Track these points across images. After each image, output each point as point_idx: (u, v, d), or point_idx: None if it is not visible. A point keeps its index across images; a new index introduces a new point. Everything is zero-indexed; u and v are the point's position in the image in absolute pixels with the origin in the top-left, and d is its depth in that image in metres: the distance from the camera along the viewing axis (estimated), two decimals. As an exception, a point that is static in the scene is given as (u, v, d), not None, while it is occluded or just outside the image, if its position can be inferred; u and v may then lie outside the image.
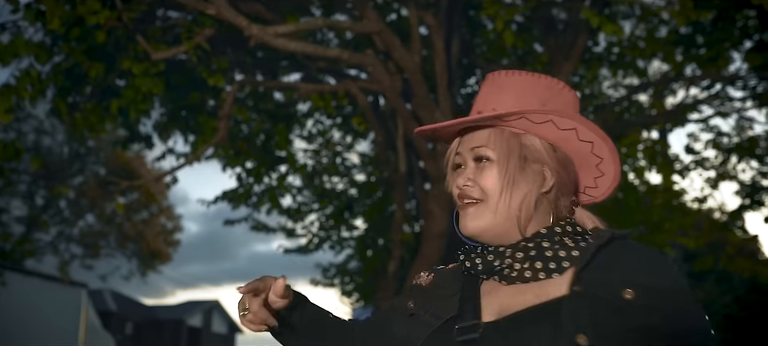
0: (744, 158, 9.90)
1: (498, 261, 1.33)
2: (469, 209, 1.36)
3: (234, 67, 7.90)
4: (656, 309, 1.20)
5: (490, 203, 1.34)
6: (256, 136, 8.66)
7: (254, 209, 9.60)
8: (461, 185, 1.38)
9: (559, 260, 1.30)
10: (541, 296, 1.27)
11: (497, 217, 1.33)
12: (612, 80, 10.51)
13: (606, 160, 1.44)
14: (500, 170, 1.34)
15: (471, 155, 1.39)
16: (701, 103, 9.92)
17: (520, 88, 1.40)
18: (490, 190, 1.34)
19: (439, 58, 6.21)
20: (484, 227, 1.34)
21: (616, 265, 1.28)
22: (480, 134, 1.38)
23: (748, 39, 9.03)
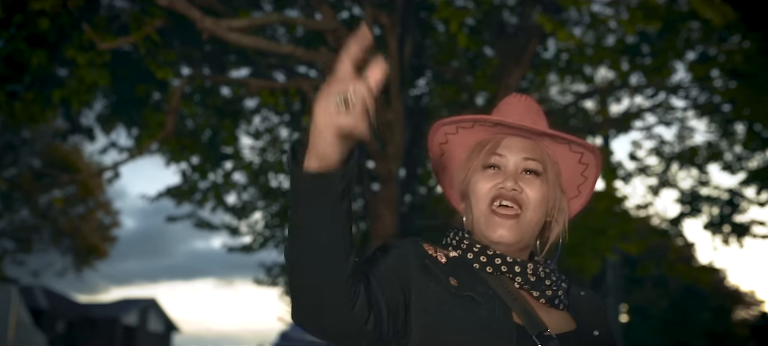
0: (684, 167, 10.15)
1: (548, 281, 1.41)
2: (509, 219, 1.39)
3: (181, 61, 7.70)
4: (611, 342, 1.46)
5: (526, 216, 1.39)
6: (201, 131, 8.47)
7: (198, 206, 9.37)
8: (510, 187, 1.38)
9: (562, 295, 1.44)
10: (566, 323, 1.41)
11: (528, 233, 1.41)
12: (559, 86, 10.65)
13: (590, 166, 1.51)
14: (550, 192, 1.42)
15: (521, 164, 1.41)
16: (645, 112, 10.13)
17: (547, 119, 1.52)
18: (533, 204, 1.39)
19: (392, 59, 6.16)
20: (516, 240, 1.39)
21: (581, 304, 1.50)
22: (530, 146, 1.43)
23: (692, 50, 9.26)
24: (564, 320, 1.41)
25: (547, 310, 1.39)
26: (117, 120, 7.51)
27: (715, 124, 9.94)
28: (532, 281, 1.38)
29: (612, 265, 14.41)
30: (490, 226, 1.39)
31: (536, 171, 1.41)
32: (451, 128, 1.48)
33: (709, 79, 9.25)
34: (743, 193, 9.71)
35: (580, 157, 1.48)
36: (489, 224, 1.39)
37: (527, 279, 1.38)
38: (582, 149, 1.46)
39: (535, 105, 1.52)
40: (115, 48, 4.94)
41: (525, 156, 1.42)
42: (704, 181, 10.08)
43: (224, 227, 10.51)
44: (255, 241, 10.84)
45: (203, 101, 8.47)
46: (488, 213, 1.39)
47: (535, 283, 1.39)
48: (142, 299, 38.86)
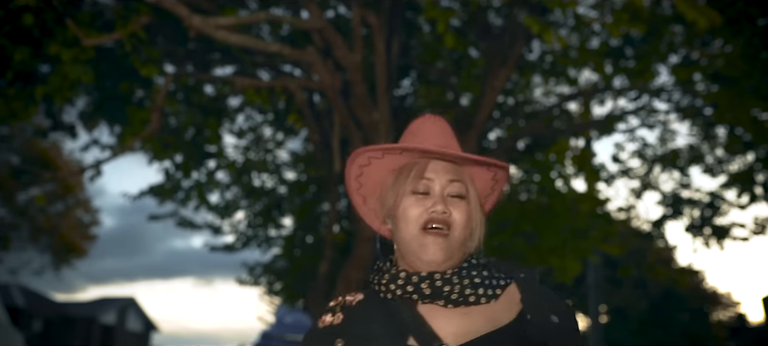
0: (666, 169, 10.22)
1: (447, 287, 1.44)
2: (439, 238, 1.45)
3: (165, 58, 7.63)
4: (569, 328, 1.47)
5: (454, 236, 1.46)
6: (185, 129, 8.40)
7: (181, 204, 9.29)
8: (441, 210, 1.45)
9: (494, 287, 1.47)
10: (492, 321, 1.43)
11: (455, 250, 1.47)
12: (544, 88, 10.68)
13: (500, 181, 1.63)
14: (473, 212, 1.50)
15: (447, 187, 1.49)
16: (628, 114, 10.19)
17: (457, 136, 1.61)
18: (459, 225, 1.47)
19: (380, 59, 6.14)
20: (446, 258, 1.46)
21: (538, 295, 1.50)
22: (453, 169, 1.51)
23: (675, 54, 9.33)
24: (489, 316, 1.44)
25: (460, 312, 1.44)
26: (100, 117, 7.42)
27: (696, 128, 10.02)
28: (429, 293, 1.44)
29: (593, 266, 14.48)
30: (422, 247, 1.45)
31: (461, 194, 1.49)
32: (376, 154, 1.54)
33: (691, 83, 9.33)
34: (724, 196, 9.80)
35: (494, 173, 1.58)
36: (422, 246, 1.45)
37: (423, 293, 1.44)
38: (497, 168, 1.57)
39: (447, 124, 1.59)
40: (99, 44, 4.87)
41: (450, 179, 1.50)
42: (686, 183, 10.16)
43: (207, 226, 10.43)
44: (238, 240, 10.78)
45: (187, 99, 8.41)
46: (420, 235, 1.45)
47: (433, 293, 1.44)
48: (121, 298, 38.53)
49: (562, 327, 1.46)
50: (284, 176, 10.72)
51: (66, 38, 5.13)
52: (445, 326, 1.42)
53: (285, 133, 10.20)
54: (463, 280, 1.45)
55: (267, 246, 11.11)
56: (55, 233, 17.60)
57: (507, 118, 10.44)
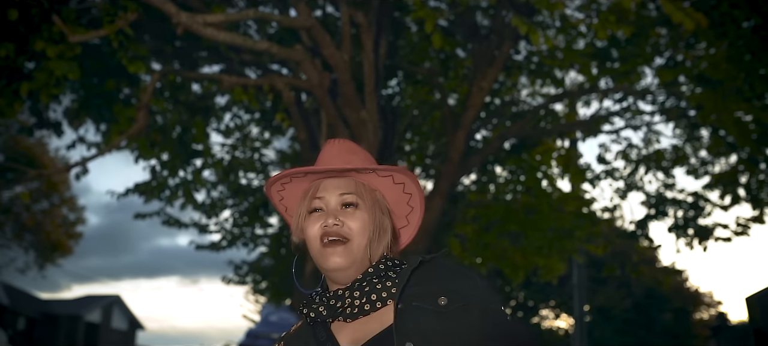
0: (651, 170, 10.29)
1: (339, 303, 1.49)
2: (337, 247, 1.51)
3: (152, 56, 7.60)
4: (466, 309, 1.42)
5: (354, 243, 1.52)
6: (172, 128, 8.36)
7: (167, 203, 9.26)
8: (332, 223, 1.52)
9: (388, 289, 1.49)
10: (384, 323, 1.45)
11: (358, 257, 1.52)
12: (530, 89, 10.73)
13: (414, 195, 1.68)
14: (369, 218, 1.55)
15: (339, 200, 1.56)
16: (613, 116, 10.25)
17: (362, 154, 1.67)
18: (356, 232, 1.53)
19: (367, 58, 6.15)
20: (348, 264, 1.51)
21: (429, 281, 1.49)
22: (344, 183, 1.59)
23: (659, 56, 9.40)
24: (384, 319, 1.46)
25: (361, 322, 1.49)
26: (86, 115, 7.38)
27: (681, 129, 10.10)
28: (326, 313, 1.50)
29: (577, 266, 14.56)
30: (324, 258, 1.52)
31: (353, 203, 1.56)
32: (285, 180, 1.63)
33: (676, 85, 9.40)
34: (707, 196, 9.88)
35: (403, 187, 1.64)
36: (323, 257, 1.52)
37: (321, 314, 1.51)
38: (390, 172, 1.61)
39: (350, 145, 1.67)
40: (85, 41, 4.85)
41: (340, 192, 1.57)
42: (670, 184, 10.23)
43: (193, 224, 10.40)
44: (224, 239, 10.75)
45: (173, 97, 8.37)
46: (321, 249, 1.52)
47: (330, 312, 1.50)
48: (106, 296, 38.30)
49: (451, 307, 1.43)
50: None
51: (52, 34, 5.11)
52: (346, 338, 1.48)
53: (272, 132, 10.19)
54: (353, 293, 1.49)
55: (253, 245, 11.10)
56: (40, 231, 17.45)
57: (493, 118, 10.48)
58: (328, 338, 1.49)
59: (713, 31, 7.96)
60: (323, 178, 1.60)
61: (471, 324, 1.41)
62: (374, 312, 1.48)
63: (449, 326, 1.40)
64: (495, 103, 10.28)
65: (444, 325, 1.40)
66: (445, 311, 1.41)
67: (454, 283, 1.49)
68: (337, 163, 1.59)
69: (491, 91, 10.06)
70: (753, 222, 9.47)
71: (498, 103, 10.34)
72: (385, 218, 1.61)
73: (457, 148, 7.98)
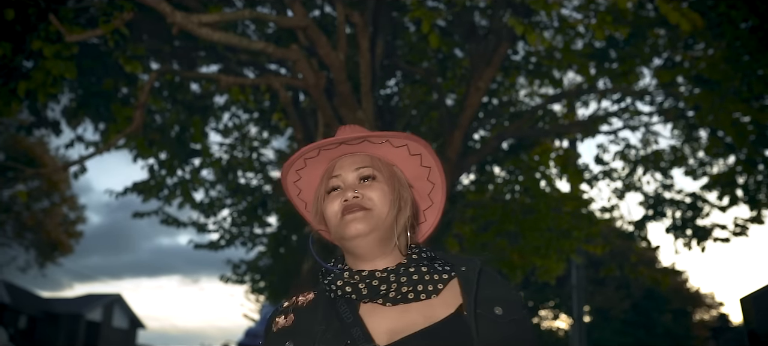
0: (649, 171, 10.30)
1: (384, 285, 1.45)
2: (357, 213, 1.48)
3: (150, 55, 7.63)
4: (516, 320, 1.43)
5: (376, 211, 1.49)
6: (170, 127, 8.39)
7: (166, 202, 9.28)
8: (351, 196, 1.50)
9: (435, 282, 1.46)
10: (429, 318, 1.41)
11: (380, 225, 1.48)
12: (529, 89, 10.75)
13: (437, 187, 1.66)
14: (388, 188, 1.52)
15: (356, 175, 1.54)
16: (611, 116, 10.27)
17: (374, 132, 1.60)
18: (378, 201, 1.50)
19: (364, 58, 6.17)
20: (369, 230, 1.47)
21: (483, 287, 1.48)
22: (360, 158, 1.57)
23: (658, 56, 9.41)
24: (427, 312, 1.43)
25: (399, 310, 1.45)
26: (84, 114, 7.40)
27: (679, 130, 10.11)
28: (366, 293, 1.46)
29: (576, 266, 14.57)
30: (345, 228, 1.48)
31: (370, 176, 1.54)
32: (300, 164, 1.61)
33: (674, 86, 9.41)
34: (705, 197, 9.89)
35: (420, 159, 1.62)
36: (343, 227, 1.48)
37: (360, 293, 1.46)
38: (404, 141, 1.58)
39: (360, 126, 1.63)
40: (82, 40, 4.87)
41: (356, 167, 1.55)
42: (668, 185, 10.24)
43: (191, 223, 10.43)
44: (222, 238, 10.78)
45: (172, 97, 8.40)
46: (341, 222, 1.49)
47: (370, 293, 1.46)
48: (107, 295, 38.38)
49: (506, 319, 1.43)
50: (269, 174, 10.73)
51: (49, 34, 5.13)
52: (381, 324, 1.42)
53: (270, 131, 10.21)
54: (400, 278, 1.45)
55: (251, 244, 11.12)
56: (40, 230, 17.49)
57: (492, 118, 10.49)
58: (355, 322, 1.43)
59: (711, 32, 7.98)
60: (337, 156, 1.58)
61: (519, 338, 1.41)
62: (415, 302, 1.45)
63: (503, 336, 1.39)
64: (492, 103, 10.29)
65: (498, 335, 1.39)
66: (500, 320, 1.41)
67: (503, 292, 1.49)
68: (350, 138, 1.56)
69: (489, 92, 10.09)
70: (751, 223, 9.47)
71: (496, 104, 10.35)
72: (405, 190, 1.58)
73: (454, 148, 8.00)
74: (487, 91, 10.12)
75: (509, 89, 10.00)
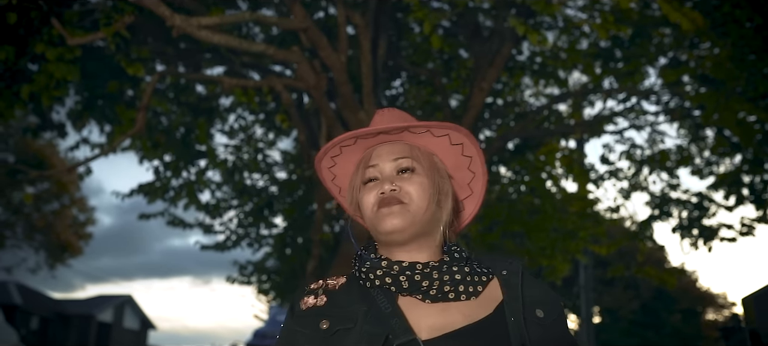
0: (655, 171, 10.27)
1: (426, 282, 1.41)
2: (393, 206, 1.43)
3: (155, 57, 7.67)
4: (557, 321, 1.44)
5: (412, 206, 1.43)
6: (175, 129, 8.44)
7: (171, 203, 9.33)
8: (388, 189, 1.44)
9: (475, 283, 1.44)
10: (469, 316, 1.39)
11: (418, 219, 1.43)
12: (534, 89, 10.74)
13: (477, 176, 1.60)
14: (428, 181, 1.47)
15: (394, 166, 1.49)
16: (617, 116, 10.25)
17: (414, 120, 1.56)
18: (415, 196, 1.44)
19: (365, 59, 6.18)
20: (406, 225, 1.42)
21: (520, 288, 1.45)
22: (399, 148, 1.51)
23: (663, 56, 9.39)
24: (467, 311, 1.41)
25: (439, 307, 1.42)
26: (89, 116, 7.46)
27: (685, 129, 10.08)
28: (407, 287, 1.42)
29: (584, 266, 14.54)
30: (380, 222, 1.44)
31: (409, 167, 1.48)
32: (335, 151, 1.56)
33: (680, 85, 9.39)
34: (711, 197, 9.85)
35: (461, 149, 1.55)
36: (379, 221, 1.44)
37: (401, 286, 1.42)
38: (446, 131, 1.52)
39: (401, 113, 1.58)
40: (85, 43, 4.91)
41: (395, 157, 1.50)
42: (674, 184, 10.21)
43: (198, 224, 10.47)
44: (228, 239, 10.82)
45: (177, 98, 8.45)
46: (376, 215, 1.45)
47: (411, 287, 1.42)
48: (118, 296, 38.58)
49: (548, 321, 1.42)
50: (275, 175, 10.77)
51: (52, 37, 5.18)
52: (422, 319, 1.39)
53: (276, 132, 10.24)
54: (442, 276, 1.43)
55: (258, 245, 11.16)
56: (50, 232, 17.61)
57: (497, 119, 10.49)
58: (394, 312, 1.39)
59: (715, 32, 7.95)
60: (375, 144, 1.54)
61: (560, 336, 1.42)
62: (455, 302, 1.42)
63: (545, 338, 1.38)
64: (497, 103, 10.29)
65: (541, 337, 1.38)
66: (541, 323, 1.40)
67: (542, 293, 1.48)
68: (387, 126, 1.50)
69: (494, 92, 10.09)
70: (758, 222, 9.43)
71: (501, 104, 10.35)
72: (445, 182, 1.53)
73: (458, 148, 7.99)
74: (492, 92, 10.13)
75: (514, 90, 10.00)
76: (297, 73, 5.72)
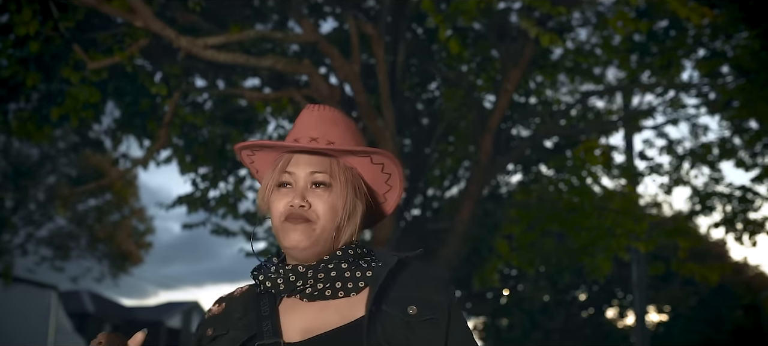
0: (697, 165, 10.05)
1: (300, 281, 1.43)
2: (299, 224, 1.43)
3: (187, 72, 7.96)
4: (433, 322, 1.39)
5: (319, 224, 1.43)
6: (213, 141, 8.70)
7: (211, 213, 9.62)
8: (297, 205, 1.43)
9: (356, 280, 1.44)
10: (345, 316, 1.40)
11: (321, 239, 1.44)
12: (570, 86, 10.65)
13: (393, 176, 1.57)
14: (339, 201, 1.46)
15: (309, 179, 1.46)
16: (655, 110, 10.09)
17: (344, 124, 1.55)
18: (324, 215, 1.44)
19: (380, 69, 6.31)
20: (309, 245, 1.43)
21: (400, 284, 1.44)
22: (317, 160, 1.47)
23: (703, 47, 9.20)
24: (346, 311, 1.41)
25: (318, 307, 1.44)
26: (125, 132, 7.80)
27: (726, 121, 9.83)
28: (283, 288, 1.44)
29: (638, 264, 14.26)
30: (284, 234, 1.45)
31: (324, 182, 1.46)
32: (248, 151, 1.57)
33: (720, 76, 9.20)
34: (756, 190, 9.59)
35: (381, 167, 1.54)
36: (284, 233, 1.45)
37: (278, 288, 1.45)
38: (368, 154, 1.51)
39: (331, 114, 1.55)
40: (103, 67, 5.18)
41: (312, 170, 1.46)
42: (717, 178, 9.98)
43: (241, 232, 10.73)
44: (272, 245, 11.06)
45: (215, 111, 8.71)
46: (282, 224, 1.45)
47: (287, 288, 1.44)
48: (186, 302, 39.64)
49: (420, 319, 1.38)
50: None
51: (77, 62, 5.47)
52: (297, 321, 1.42)
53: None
54: (318, 274, 1.43)
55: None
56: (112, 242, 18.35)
57: (534, 117, 10.46)
58: (269, 315, 1.42)
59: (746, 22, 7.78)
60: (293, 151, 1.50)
61: (433, 340, 1.38)
62: (334, 299, 1.42)
63: (414, 337, 1.36)
64: (530, 102, 10.26)
65: (409, 335, 1.36)
66: (413, 321, 1.37)
67: (425, 291, 1.44)
68: (314, 134, 1.49)
69: (527, 91, 10.06)
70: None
71: (534, 103, 10.31)
72: (357, 201, 1.50)
73: (485, 151, 8.03)
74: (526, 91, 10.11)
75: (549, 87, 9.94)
76: (310, 84, 5.89)
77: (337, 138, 1.50)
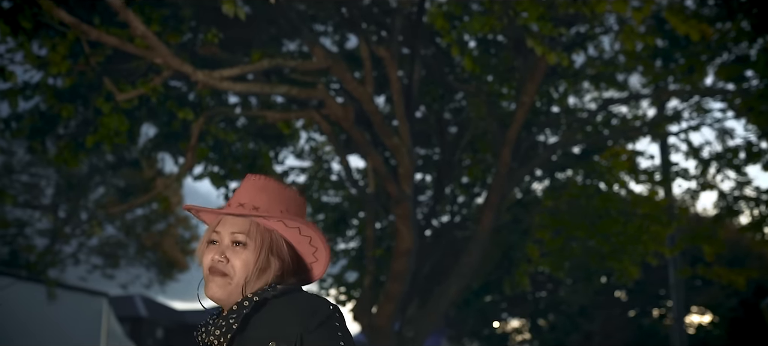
0: (723, 169, 10.04)
1: (204, 334, 1.69)
2: (217, 278, 1.68)
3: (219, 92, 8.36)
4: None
5: (235, 279, 1.68)
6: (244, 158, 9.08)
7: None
8: (216, 260, 1.69)
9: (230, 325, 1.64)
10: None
11: (235, 292, 1.68)
12: (595, 93, 10.75)
13: (319, 249, 1.81)
14: (252, 258, 1.69)
15: (229, 238, 1.70)
16: (680, 115, 10.11)
17: (274, 193, 1.76)
18: (239, 270, 1.68)
19: (394, 88, 6.58)
20: (224, 297, 1.68)
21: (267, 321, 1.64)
22: (239, 222, 1.71)
23: (727, 52, 9.22)
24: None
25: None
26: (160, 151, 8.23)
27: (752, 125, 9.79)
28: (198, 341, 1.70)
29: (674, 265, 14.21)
30: (206, 286, 1.70)
31: (241, 242, 1.69)
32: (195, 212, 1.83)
33: (744, 79, 9.21)
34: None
35: (309, 239, 1.77)
36: (206, 285, 1.70)
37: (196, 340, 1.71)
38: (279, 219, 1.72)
39: (264, 183, 1.77)
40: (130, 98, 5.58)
41: (232, 231, 1.70)
42: (744, 181, 9.96)
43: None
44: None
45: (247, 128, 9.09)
46: (206, 277, 1.71)
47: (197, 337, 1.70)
48: (235, 306, 40.37)
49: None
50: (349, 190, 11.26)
51: (108, 93, 5.89)
52: None
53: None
54: (208, 326, 1.67)
55: (336, 258, 11.70)
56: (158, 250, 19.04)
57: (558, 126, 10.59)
58: None
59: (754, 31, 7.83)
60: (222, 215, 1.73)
61: None
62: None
63: None
64: (554, 111, 10.39)
65: None
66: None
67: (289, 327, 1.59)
68: (244, 199, 1.71)
69: (550, 100, 10.20)
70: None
71: (558, 111, 10.44)
72: (273, 259, 1.71)
73: (504, 162, 8.23)
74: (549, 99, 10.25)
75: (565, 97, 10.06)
76: (325, 107, 6.20)
77: (263, 204, 1.72)
